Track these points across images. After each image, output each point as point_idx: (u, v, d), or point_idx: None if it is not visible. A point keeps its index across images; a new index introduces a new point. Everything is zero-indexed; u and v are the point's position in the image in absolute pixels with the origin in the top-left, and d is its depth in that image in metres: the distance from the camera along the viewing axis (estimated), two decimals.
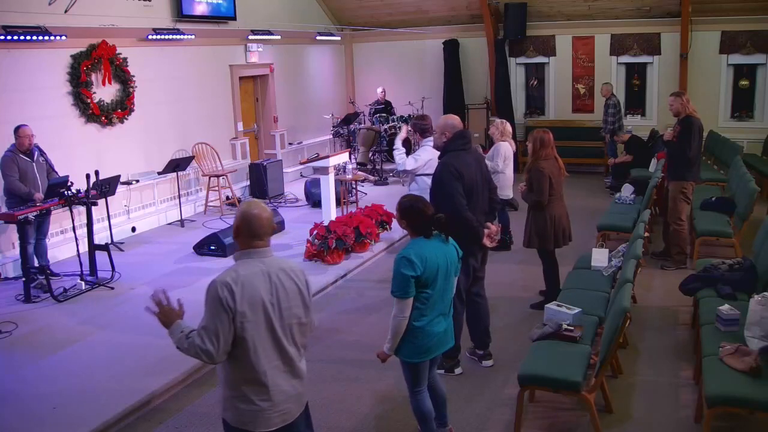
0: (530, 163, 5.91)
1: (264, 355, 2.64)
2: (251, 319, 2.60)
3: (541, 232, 5.82)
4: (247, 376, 2.64)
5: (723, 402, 3.59)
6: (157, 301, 2.74)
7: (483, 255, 4.81)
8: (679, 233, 6.92)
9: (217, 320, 2.56)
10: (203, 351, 2.57)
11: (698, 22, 11.16)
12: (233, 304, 2.56)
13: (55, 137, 7.72)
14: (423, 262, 3.46)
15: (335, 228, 7.28)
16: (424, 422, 3.79)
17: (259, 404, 2.66)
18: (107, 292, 6.63)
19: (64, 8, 7.80)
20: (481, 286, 4.94)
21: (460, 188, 4.42)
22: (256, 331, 2.61)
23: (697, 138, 6.62)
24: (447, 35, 13.28)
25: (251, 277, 2.62)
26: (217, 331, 2.55)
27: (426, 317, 3.57)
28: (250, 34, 11.12)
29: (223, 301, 2.55)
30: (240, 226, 2.69)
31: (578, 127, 12.48)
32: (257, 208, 2.71)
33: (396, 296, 3.51)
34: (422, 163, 6.09)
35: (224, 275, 2.62)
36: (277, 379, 2.68)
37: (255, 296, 2.61)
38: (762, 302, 4.04)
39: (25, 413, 4.35)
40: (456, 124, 4.70)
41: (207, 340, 2.56)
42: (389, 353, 3.66)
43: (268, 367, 2.65)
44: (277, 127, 12.15)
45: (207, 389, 4.81)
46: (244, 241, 2.70)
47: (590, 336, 4.40)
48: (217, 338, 2.55)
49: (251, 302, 2.59)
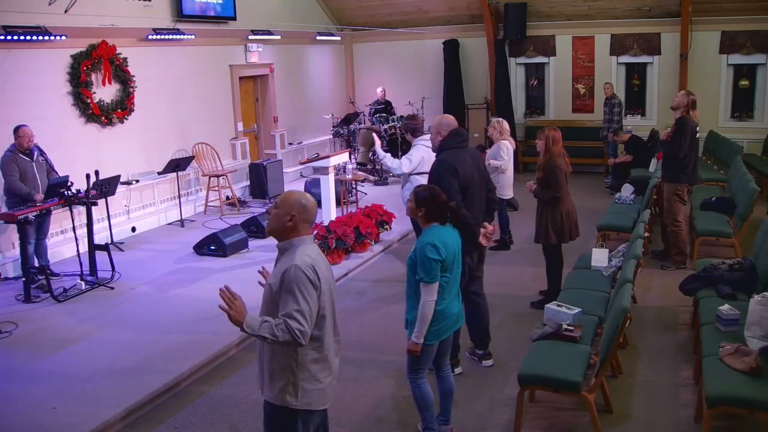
0: (544, 160, 5.93)
1: (330, 333, 2.84)
2: (327, 298, 2.79)
3: (558, 227, 5.87)
4: (316, 355, 2.78)
5: (723, 402, 3.59)
6: (228, 297, 2.66)
7: (480, 254, 4.80)
8: (677, 234, 6.92)
9: (310, 300, 2.67)
10: (302, 333, 2.63)
11: (698, 22, 11.16)
12: (318, 282, 2.71)
13: (55, 137, 7.72)
14: (445, 246, 3.63)
15: (335, 228, 7.28)
16: (425, 409, 3.81)
17: (323, 381, 2.83)
18: (107, 292, 6.63)
19: (64, 8, 7.80)
20: (480, 286, 4.94)
21: (455, 185, 4.43)
22: (329, 306, 2.81)
23: (689, 140, 6.62)
24: (447, 35, 13.28)
25: (319, 259, 2.81)
26: (311, 311, 2.68)
27: (446, 300, 3.73)
28: (250, 34, 11.12)
29: (313, 283, 2.69)
30: (299, 212, 2.79)
31: (578, 127, 12.48)
32: (306, 197, 2.86)
33: (425, 282, 3.62)
34: (416, 163, 6.09)
35: (302, 258, 2.71)
36: (334, 356, 2.90)
37: (326, 276, 2.81)
38: (762, 302, 4.04)
39: (25, 413, 4.35)
40: (451, 122, 4.73)
41: (304, 321, 2.64)
42: (419, 341, 3.68)
43: (331, 344, 2.85)
44: (277, 127, 12.15)
45: (207, 389, 4.81)
46: (297, 229, 2.80)
47: (590, 336, 4.40)
48: (312, 318, 2.69)
49: (325, 281, 2.78)
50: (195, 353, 5.14)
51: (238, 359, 5.26)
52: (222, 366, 5.16)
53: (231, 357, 5.28)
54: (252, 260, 7.49)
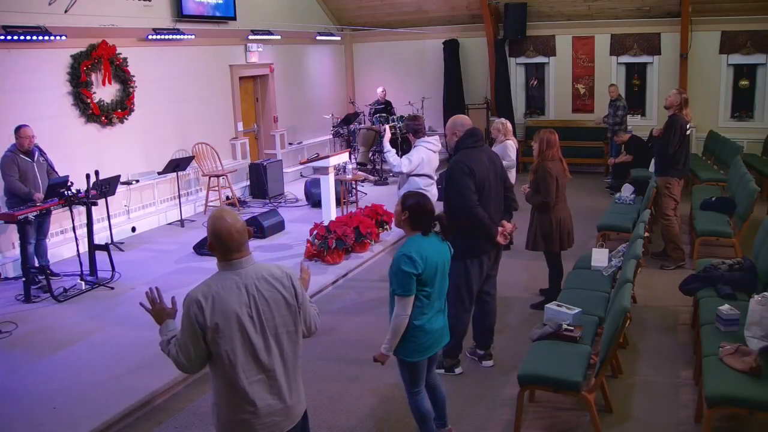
0: (536, 163, 5.87)
1: (242, 369, 2.57)
2: (225, 335, 2.53)
3: (546, 234, 5.79)
4: (230, 387, 2.61)
5: (723, 402, 3.59)
6: (150, 298, 2.79)
7: (496, 253, 4.80)
8: (668, 228, 6.97)
9: (188, 336, 2.55)
10: (177, 363, 2.61)
11: (698, 22, 11.17)
12: (203, 320, 2.52)
13: (55, 137, 7.73)
14: (423, 259, 3.46)
15: (335, 228, 7.28)
16: (423, 423, 3.77)
17: (243, 416, 2.61)
18: (107, 292, 6.63)
19: (64, 8, 7.80)
20: (493, 285, 4.93)
21: (471, 185, 4.43)
22: (230, 346, 2.55)
23: (678, 136, 6.73)
24: (447, 35, 13.28)
25: (224, 291, 2.56)
26: (188, 345, 2.56)
27: (426, 315, 3.57)
28: (250, 34, 11.12)
29: (192, 318, 2.53)
30: (212, 242, 2.62)
31: (578, 127, 12.49)
32: (226, 221, 2.59)
33: (398, 294, 3.49)
34: (416, 164, 6.01)
35: (196, 290, 2.57)
36: (261, 393, 2.62)
37: (227, 311, 2.53)
38: (762, 302, 4.04)
39: (25, 413, 4.35)
40: (465, 122, 4.73)
41: (180, 353, 2.58)
42: (388, 354, 3.61)
43: (248, 382, 2.59)
44: (277, 127, 12.15)
45: (207, 389, 4.79)
46: (219, 256, 2.64)
47: (590, 336, 4.40)
48: (188, 353, 2.56)
49: (223, 317, 2.53)
50: None
51: None
52: None
53: None
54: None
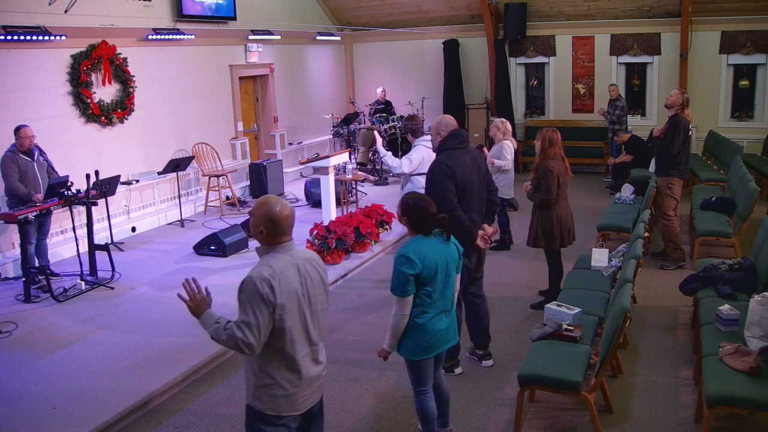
0: (538, 162, 5.89)
1: (298, 343, 2.79)
2: (289, 311, 2.73)
3: (547, 231, 5.82)
4: (282, 364, 2.77)
5: (723, 402, 3.59)
6: (188, 289, 2.81)
7: (478, 256, 4.75)
8: (669, 228, 6.97)
9: (259, 314, 2.65)
10: (246, 344, 2.66)
11: (698, 22, 11.16)
12: (273, 298, 2.67)
13: (55, 137, 7.73)
14: (422, 260, 3.47)
15: (335, 228, 7.28)
16: (426, 423, 3.77)
17: (291, 390, 2.80)
18: (107, 292, 6.63)
19: (64, 8, 7.80)
20: (479, 287, 4.91)
21: (452, 187, 4.37)
22: (293, 322, 2.75)
23: (682, 137, 6.72)
24: (447, 35, 13.28)
25: (285, 270, 2.74)
26: (259, 324, 2.66)
27: (428, 314, 3.58)
28: (250, 34, 11.12)
29: (264, 297, 2.65)
30: (266, 226, 2.76)
31: (578, 127, 12.49)
32: (279, 206, 2.78)
33: (395, 294, 3.52)
34: (417, 164, 6.05)
35: (260, 270, 2.70)
36: (308, 366, 2.84)
37: (290, 288, 2.74)
38: (762, 302, 4.04)
39: (25, 413, 4.35)
40: (450, 123, 4.66)
41: (249, 333, 2.65)
42: (389, 350, 3.68)
43: (301, 355, 2.80)
44: (277, 127, 12.16)
45: (207, 389, 4.81)
46: (270, 239, 2.79)
47: (590, 336, 4.40)
48: (259, 331, 2.66)
49: (288, 294, 2.72)
50: (195, 353, 5.14)
51: (238, 360, 5.25)
52: (222, 366, 5.16)
53: (231, 357, 5.27)
54: (252, 260, 7.48)
